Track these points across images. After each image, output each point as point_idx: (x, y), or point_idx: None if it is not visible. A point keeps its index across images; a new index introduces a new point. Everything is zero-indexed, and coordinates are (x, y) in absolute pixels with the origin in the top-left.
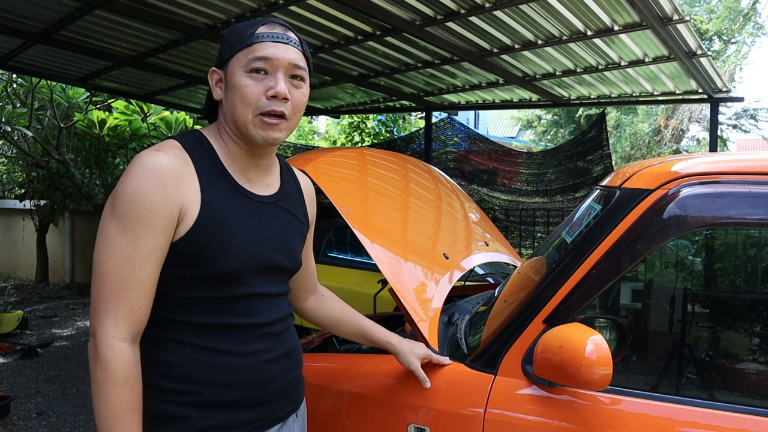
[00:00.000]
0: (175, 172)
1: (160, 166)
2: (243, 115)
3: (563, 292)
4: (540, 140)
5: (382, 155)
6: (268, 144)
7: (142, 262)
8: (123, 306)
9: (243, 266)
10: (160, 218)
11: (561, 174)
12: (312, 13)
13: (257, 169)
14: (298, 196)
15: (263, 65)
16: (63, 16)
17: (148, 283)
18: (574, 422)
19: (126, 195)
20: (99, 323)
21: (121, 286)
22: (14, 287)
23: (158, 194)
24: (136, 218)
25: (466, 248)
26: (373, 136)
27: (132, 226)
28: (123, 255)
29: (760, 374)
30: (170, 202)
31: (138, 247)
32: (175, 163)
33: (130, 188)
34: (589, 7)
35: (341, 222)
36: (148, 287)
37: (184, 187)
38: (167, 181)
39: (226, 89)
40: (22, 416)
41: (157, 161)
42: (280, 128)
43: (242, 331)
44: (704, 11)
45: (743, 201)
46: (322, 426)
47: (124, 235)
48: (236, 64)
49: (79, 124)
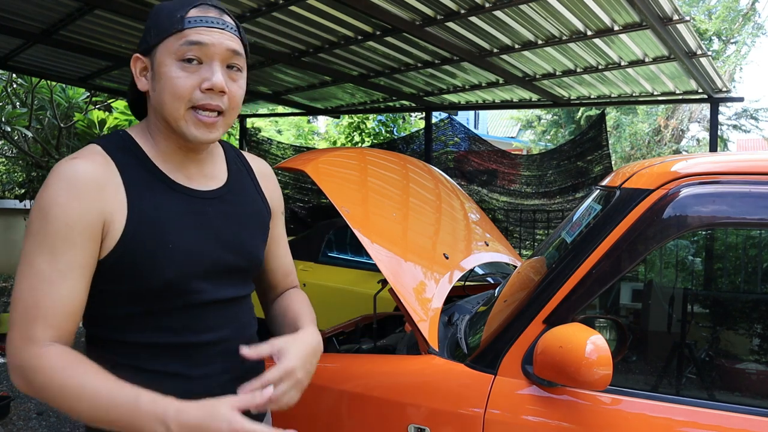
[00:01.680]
0: (93, 181)
1: (75, 176)
2: (174, 110)
3: (563, 292)
4: (540, 140)
5: (382, 155)
6: (202, 144)
7: (60, 279)
8: (37, 324)
9: (185, 273)
10: (79, 233)
11: (561, 175)
12: (312, 13)
13: (196, 163)
14: (250, 183)
15: (197, 53)
16: (63, 16)
17: (69, 301)
18: (574, 422)
19: (41, 210)
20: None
21: (34, 304)
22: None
23: (75, 206)
24: (53, 233)
25: (466, 248)
26: (373, 136)
27: (48, 242)
28: (39, 273)
29: (760, 374)
30: (90, 214)
31: (55, 263)
32: (94, 171)
33: (44, 201)
34: (589, 7)
35: (341, 222)
36: (70, 306)
37: (105, 196)
38: (85, 191)
39: (153, 79)
40: (22, 416)
41: (72, 170)
42: (216, 127)
43: (194, 351)
44: (703, 11)
45: (743, 201)
46: (322, 426)
47: (40, 252)
48: (165, 52)
49: (79, 124)
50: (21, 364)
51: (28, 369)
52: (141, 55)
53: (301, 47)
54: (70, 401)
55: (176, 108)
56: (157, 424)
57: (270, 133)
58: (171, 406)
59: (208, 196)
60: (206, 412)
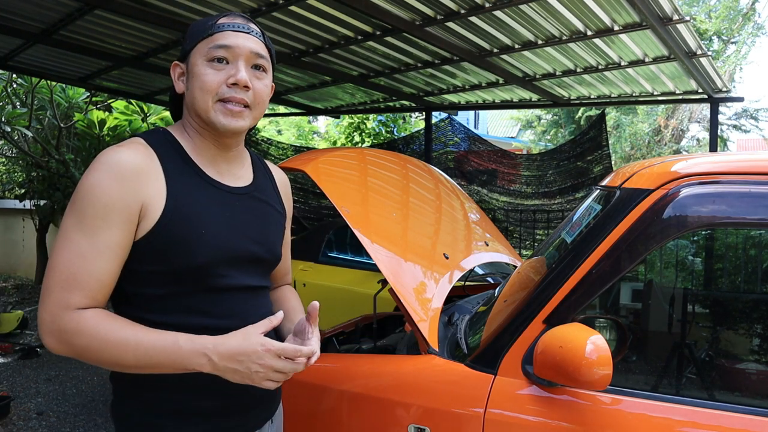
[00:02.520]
0: (135, 168)
1: (119, 162)
2: (203, 102)
3: (563, 292)
4: (540, 140)
5: (382, 155)
6: (230, 132)
7: (98, 256)
8: (73, 293)
9: (216, 258)
10: (118, 213)
11: (561, 175)
12: (312, 13)
13: (226, 161)
14: (271, 187)
15: (224, 54)
16: (63, 16)
17: (103, 277)
18: (574, 422)
19: (83, 190)
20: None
21: (72, 277)
22: (14, 287)
23: (115, 189)
24: (92, 213)
25: (466, 248)
26: (373, 136)
27: (88, 221)
28: (77, 249)
29: (760, 374)
30: (129, 197)
31: (94, 241)
32: (136, 159)
33: (88, 183)
34: (589, 7)
35: (341, 222)
36: (104, 282)
37: (146, 183)
38: (126, 176)
39: (188, 81)
40: (22, 416)
41: (116, 157)
42: (243, 116)
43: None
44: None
45: (743, 201)
46: (322, 426)
47: (80, 229)
48: (197, 55)
49: (79, 124)
50: (60, 328)
51: (69, 332)
52: (179, 62)
53: (301, 47)
54: (115, 354)
55: (205, 101)
56: (200, 357)
57: (270, 133)
58: (208, 341)
59: (236, 191)
60: (240, 339)
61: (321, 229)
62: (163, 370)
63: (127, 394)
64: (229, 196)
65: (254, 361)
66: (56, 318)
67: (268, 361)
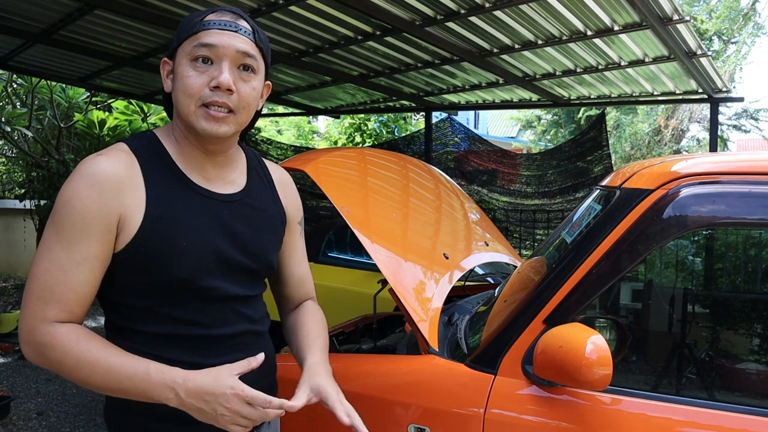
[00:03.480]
0: (114, 178)
1: (98, 173)
2: (185, 106)
3: (563, 292)
4: (540, 140)
5: (382, 155)
6: (212, 138)
7: (74, 268)
8: (50, 306)
9: (199, 269)
10: (96, 225)
11: (561, 175)
12: (312, 13)
13: (215, 166)
14: (268, 190)
15: (208, 53)
16: (63, 16)
17: (80, 289)
18: (574, 422)
19: (62, 201)
20: (24, 322)
21: (49, 288)
22: (14, 287)
23: (94, 200)
24: (71, 224)
25: (466, 248)
26: (374, 136)
27: (66, 232)
28: (55, 259)
29: (760, 374)
30: (107, 208)
31: (70, 253)
32: (116, 169)
33: (67, 194)
34: (589, 7)
35: (341, 222)
36: (81, 293)
37: (124, 194)
38: (105, 187)
39: (174, 80)
40: (22, 416)
41: (96, 167)
42: (226, 122)
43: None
44: (704, 11)
45: (743, 201)
46: (321, 426)
47: (58, 241)
48: (182, 53)
49: (79, 124)
50: (36, 341)
51: (44, 345)
52: (167, 58)
53: (301, 47)
54: (85, 374)
55: (187, 104)
56: (167, 391)
57: (270, 133)
58: (179, 375)
59: (225, 199)
60: (211, 378)
61: (321, 229)
62: (130, 396)
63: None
64: (215, 204)
65: (221, 404)
66: (33, 330)
67: (235, 405)
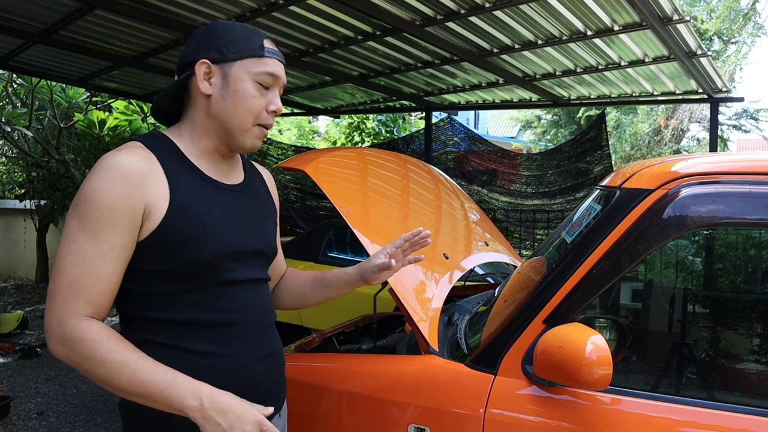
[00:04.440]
0: (137, 171)
1: (120, 166)
2: (244, 122)
3: (563, 292)
4: (540, 140)
5: (381, 155)
6: (252, 151)
7: (101, 259)
8: (79, 299)
9: (221, 252)
10: (122, 215)
11: (561, 175)
12: (312, 13)
13: (225, 164)
14: (262, 185)
15: (270, 81)
16: (63, 16)
17: (108, 279)
18: (574, 422)
19: (87, 194)
20: (53, 315)
21: (78, 281)
22: (14, 287)
23: (119, 192)
24: (96, 215)
25: (466, 248)
26: (373, 136)
27: (92, 224)
28: (81, 251)
29: (760, 374)
30: (132, 200)
31: (97, 244)
32: (137, 162)
33: (91, 187)
34: (589, 7)
35: (341, 222)
36: (109, 284)
37: (148, 184)
38: (129, 179)
39: (222, 88)
40: (22, 416)
41: (117, 161)
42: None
43: (225, 330)
44: (704, 11)
45: (743, 201)
46: (322, 426)
47: (84, 233)
48: (244, 70)
49: (79, 124)
50: (66, 334)
51: (74, 339)
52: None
53: (301, 47)
54: (111, 374)
55: (247, 121)
56: (191, 398)
57: (270, 133)
58: (206, 387)
59: (232, 189)
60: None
61: (321, 229)
62: (150, 403)
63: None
64: (227, 193)
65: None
66: (62, 323)
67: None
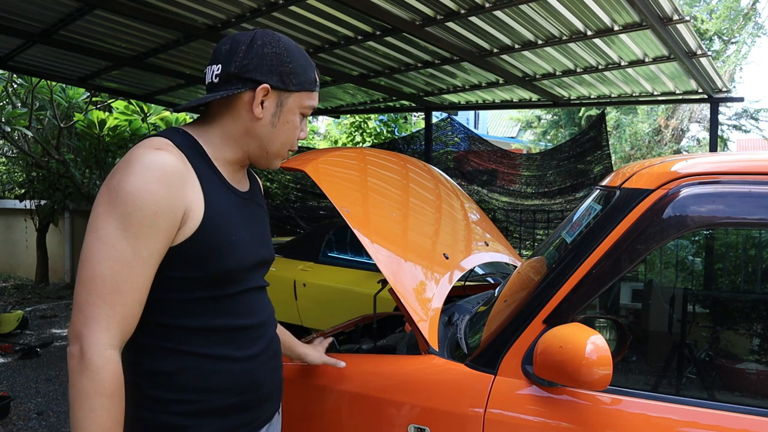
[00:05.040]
0: (178, 172)
1: (164, 166)
2: (282, 150)
3: (563, 292)
4: (540, 141)
5: (382, 155)
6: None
7: (141, 266)
8: (116, 311)
9: (242, 262)
10: (165, 221)
11: (561, 175)
12: (312, 13)
13: (240, 172)
14: (260, 193)
15: (310, 113)
16: (63, 16)
17: (143, 287)
18: (574, 422)
19: (129, 194)
20: (88, 328)
21: (116, 289)
22: (14, 287)
23: (164, 195)
24: (140, 219)
25: (466, 248)
26: (375, 136)
27: (134, 228)
28: (121, 257)
29: (760, 374)
30: (175, 204)
31: (138, 249)
32: (178, 163)
33: (134, 187)
34: (589, 7)
35: (341, 222)
36: (143, 292)
37: (188, 187)
38: (172, 181)
39: (274, 116)
40: (22, 416)
41: (160, 160)
42: None
43: (242, 334)
44: (704, 11)
45: (743, 201)
46: (322, 426)
47: (124, 237)
48: (297, 103)
49: (79, 125)
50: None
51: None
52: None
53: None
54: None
55: (285, 148)
56: None
57: None
58: None
59: (245, 196)
60: None
61: (321, 229)
62: None
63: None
64: (243, 201)
65: None
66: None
67: None
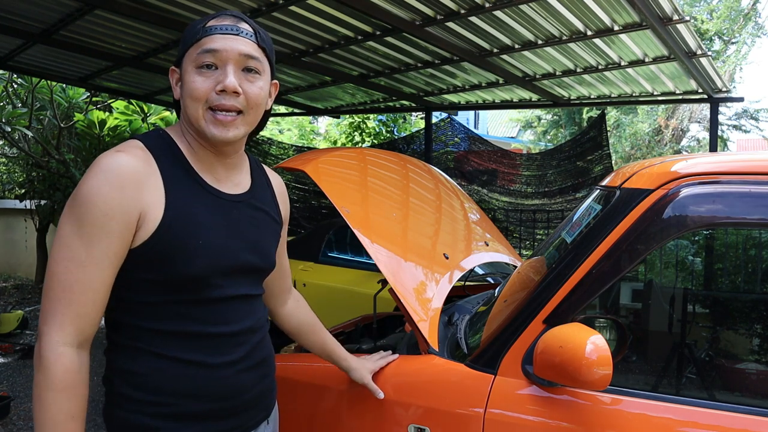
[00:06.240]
0: (135, 175)
1: (119, 168)
2: (194, 111)
3: (563, 292)
4: (540, 141)
5: (382, 155)
6: (222, 142)
7: (94, 266)
8: (70, 309)
9: (211, 268)
10: (117, 222)
11: (561, 175)
12: (312, 13)
13: (225, 168)
14: (269, 194)
15: (212, 59)
16: (63, 16)
17: (98, 287)
18: (574, 422)
19: (83, 196)
20: (45, 325)
21: (69, 288)
22: (14, 287)
23: (116, 197)
24: (92, 221)
25: (466, 248)
26: (374, 136)
27: (87, 229)
28: (75, 257)
29: (760, 374)
30: (129, 206)
31: (91, 250)
32: (136, 165)
33: (88, 190)
34: (589, 7)
35: (341, 222)
36: (99, 292)
37: (145, 190)
38: (126, 183)
39: (181, 87)
40: (22, 416)
41: (116, 162)
42: (235, 125)
43: (216, 341)
44: (704, 11)
45: (743, 201)
46: (321, 426)
47: (79, 237)
48: (188, 61)
49: (79, 124)
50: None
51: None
52: (175, 66)
53: (301, 47)
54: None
55: (195, 109)
56: None
57: (271, 133)
58: None
59: (234, 199)
60: None
61: (321, 229)
62: None
63: (121, 397)
64: (226, 204)
65: None
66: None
67: None
